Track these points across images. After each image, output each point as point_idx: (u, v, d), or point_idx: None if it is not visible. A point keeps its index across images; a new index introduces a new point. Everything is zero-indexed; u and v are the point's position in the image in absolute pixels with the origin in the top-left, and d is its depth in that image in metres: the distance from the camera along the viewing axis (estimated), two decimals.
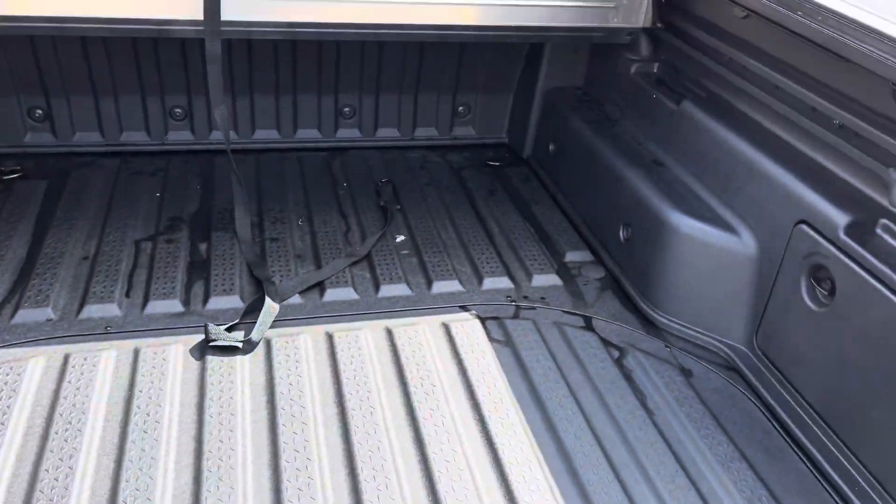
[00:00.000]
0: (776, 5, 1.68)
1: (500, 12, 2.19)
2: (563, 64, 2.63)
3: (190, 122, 2.60)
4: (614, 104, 2.45)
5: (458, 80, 2.76)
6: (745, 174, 1.84)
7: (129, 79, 2.45)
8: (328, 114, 2.71)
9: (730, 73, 2.02)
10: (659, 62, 2.34)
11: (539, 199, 2.54)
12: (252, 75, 2.54)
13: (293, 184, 2.50)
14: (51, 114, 2.46)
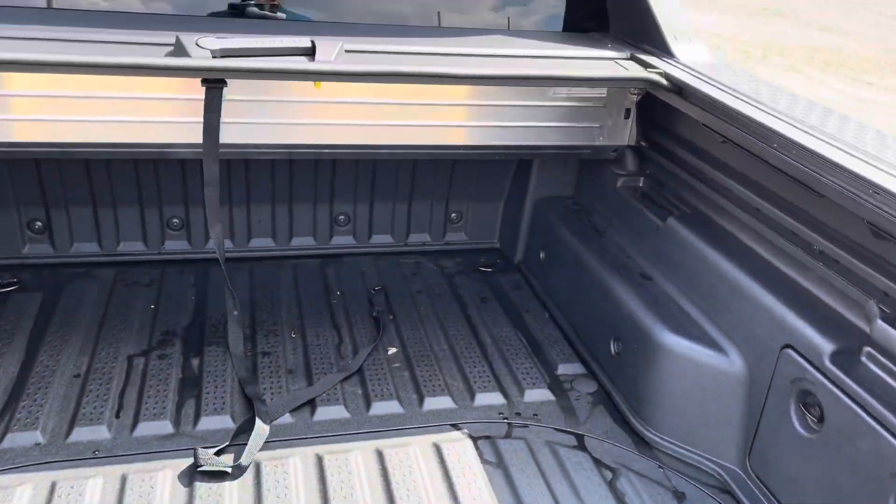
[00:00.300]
0: (751, 136, 1.74)
1: (489, 133, 2.27)
2: (552, 175, 2.70)
3: (187, 231, 2.64)
4: (602, 216, 2.51)
5: (451, 188, 2.82)
6: (729, 293, 1.87)
7: (128, 192, 2.51)
8: (323, 222, 2.77)
9: (712, 191, 2.08)
10: (644, 176, 2.40)
11: (530, 306, 2.57)
12: (249, 187, 2.61)
13: (287, 293, 2.53)
14: (50, 226, 2.51)
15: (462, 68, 1.94)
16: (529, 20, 2.57)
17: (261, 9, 2.24)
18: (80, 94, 1.95)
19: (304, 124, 2.12)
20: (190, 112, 1.97)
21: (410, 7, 2.45)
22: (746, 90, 1.91)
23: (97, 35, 1.85)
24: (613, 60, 2.20)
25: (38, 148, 2.01)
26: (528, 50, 2.23)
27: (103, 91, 1.95)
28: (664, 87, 2.04)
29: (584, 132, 2.34)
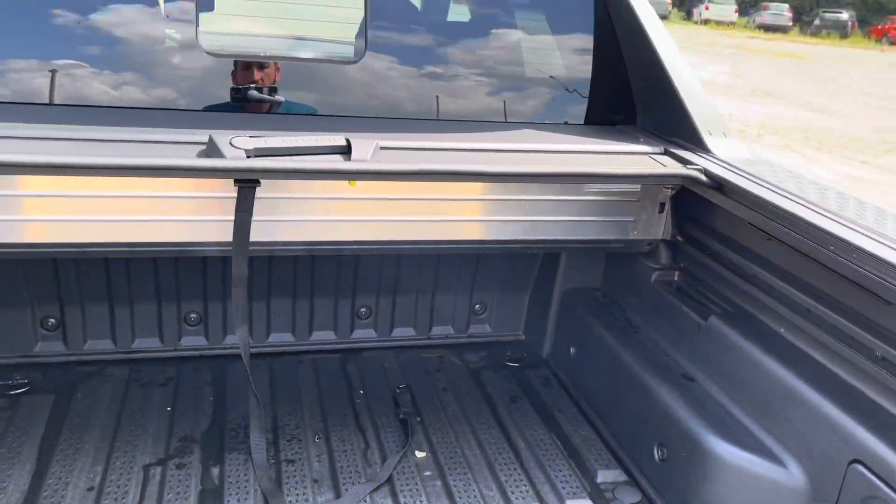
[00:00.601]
0: (802, 237, 1.69)
1: (519, 227, 2.21)
2: (580, 266, 2.64)
3: (204, 327, 2.56)
4: (636, 310, 2.44)
5: (475, 280, 2.76)
6: (785, 400, 1.78)
7: (146, 288, 2.43)
8: (345, 315, 2.68)
9: (755, 289, 2.01)
10: (679, 270, 2.34)
11: (563, 406, 2.47)
12: (271, 281, 2.54)
13: (308, 392, 2.43)
14: (64, 323, 2.42)
15: (501, 166, 1.91)
16: (551, 112, 2.56)
17: (260, 91, 2.21)
18: (101, 194, 1.86)
19: (334, 221, 2.06)
20: (219, 211, 1.91)
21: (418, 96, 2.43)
22: (791, 187, 1.87)
23: (114, 133, 1.81)
24: (648, 155, 2.17)
25: (58, 249, 1.94)
26: (558, 144, 2.21)
27: (126, 190, 1.87)
28: (704, 183, 2.00)
29: (616, 226, 2.29)
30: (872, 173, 10.36)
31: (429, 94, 2.42)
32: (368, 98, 2.36)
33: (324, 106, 2.32)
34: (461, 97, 2.45)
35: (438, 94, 2.43)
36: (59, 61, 2.06)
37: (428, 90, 2.42)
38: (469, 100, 2.45)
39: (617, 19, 2.41)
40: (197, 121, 2.07)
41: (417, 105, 2.40)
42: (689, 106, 2.23)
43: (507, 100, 2.51)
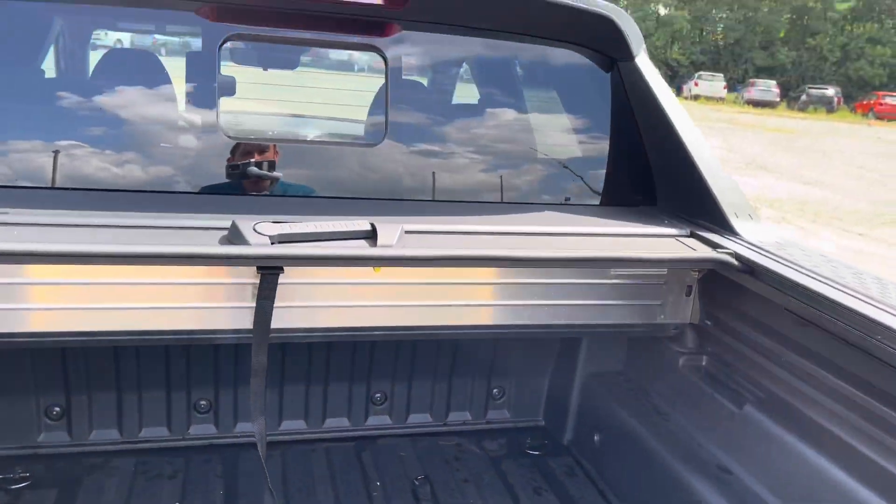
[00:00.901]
0: (847, 325, 1.63)
1: (540, 312, 2.14)
2: (602, 349, 2.58)
3: (214, 415, 2.46)
4: (663, 396, 2.36)
5: (493, 364, 2.68)
6: (830, 496, 1.69)
7: (156, 375, 2.35)
8: (359, 401, 2.59)
9: (792, 376, 1.95)
10: (707, 355, 2.28)
11: (590, 498, 2.36)
12: (284, 368, 2.46)
13: (323, 484, 2.32)
14: (69, 412, 2.32)
15: (529, 251, 1.87)
16: (569, 192, 2.54)
17: (259, 167, 2.17)
18: (113, 281, 1.78)
19: (356, 307, 2.00)
20: (238, 297, 1.85)
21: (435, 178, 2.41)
22: (827, 272, 1.83)
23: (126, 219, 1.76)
24: (675, 238, 2.14)
25: (66, 338, 1.86)
26: (581, 226, 2.18)
27: (138, 277, 1.80)
28: (735, 267, 1.96)
29: (642, 310, 2.23)
30: (871, 246, 10.40)
31: (446, 176, 2.40)
32: (385, 180, 2.34)
33: (338, 188, 2.29)
34: (477, 178, 2.43)
35: (456, 176, 2.41)
36: (64, 142, 2.04)
37: (445, 172, 2.40)
38: (486, 181, 2.43)
39: (634, 98, 2.42)
40: (209, 204, 2.03)
41: (435, 187, 2.38)
42: (714, 187, 2.21)
43: (524, 181, 2.49)
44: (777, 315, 1.96)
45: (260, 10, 2.12)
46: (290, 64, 2.67)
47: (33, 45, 2.27)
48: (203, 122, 2.15)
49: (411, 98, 2.46)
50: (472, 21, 2.32)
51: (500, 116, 2.54)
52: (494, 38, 2.40)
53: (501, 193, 2.41)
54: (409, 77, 2.49)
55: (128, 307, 1.82)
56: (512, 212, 2.29)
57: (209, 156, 2.15)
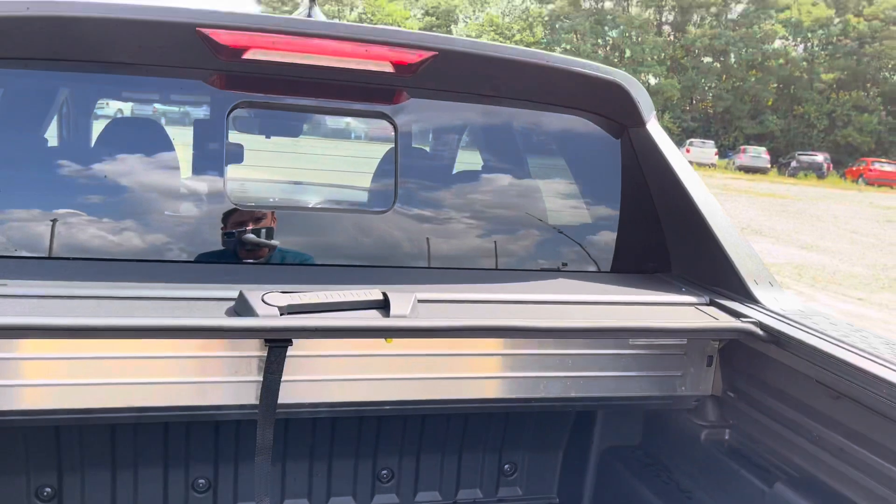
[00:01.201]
0: (885, 398, 1.56)
1: (556, 384, 2.06)
2: (618, 422, 2.48)
3: (213, 494, 2.34)
4: (685, 472, 2.25)
5: (504, 438, 2.57)
6: None
7: (154, 453, 2.24)
8: (365, 479, 2.47)
9: (823, 451, 1.85)
10: (730, 428, 2.18)
11: None
12: (287, 444, 2.35)
13: None
14: (61, 493, 2.20)
15: (547, 321, 1.80)
16: (582, 260, 2.48)
17: (258, 235, 2.12)
18: (111, 356, 1.70)
19: (367, 380, 1.91)
20: (243, 371, 1.77)
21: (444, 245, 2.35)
22: (857, 342, 1.76)
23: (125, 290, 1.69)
24: (694, 306, 2.08)
25: (61, 416, 1.76)
26: (597, 294, 2.11)
27: (140, 351, 1.72)
28: (759, 336, 1.89)
29: (661, 381, 2.15)
30: (872, 310, 10.35)
31: (456, 243, 2.35)
32: (395, 247, 2.28)
33: (346, 255, 2.23)
34: (488, 245, 2.38)
35: (466, 242, 2.36)
36: (67, 211, 1.99)
37: (455, 238, 2.35)
38: (498, 247, 2.38)
39: (645, 164, 2.39)
40: (214, 273, 1.97)
41: (446, 254, 2.32)
42: (731, 253, 2.16)
43: (537, 247, 2.44)
44: (806, 386, 1.88)
45: (270, 79, 2.10)
46: (295, 131, 2.65)
47: (38, 114, 2.25)
48: (210, 190, 2.11)
49: (420, 164, 2.43)
50: (482, 88, 2.31)
51: (511, 182, 2.51)
52: (504, 105, 2.39)
53: (514, 260, 2.36)
54: (418, 143, 2.47)
55: (128, 382, 1.73)
56: (525, 279, 2.23)
57: (216, 224, 2.09)
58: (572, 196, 2.57)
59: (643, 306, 2.06)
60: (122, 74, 2.12)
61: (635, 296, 2.11)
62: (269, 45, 1.94)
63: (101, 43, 1.96)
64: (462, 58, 2.15)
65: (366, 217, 2.30)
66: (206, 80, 2.11)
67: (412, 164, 2.33)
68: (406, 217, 2.25)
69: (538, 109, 2.42)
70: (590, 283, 2.25)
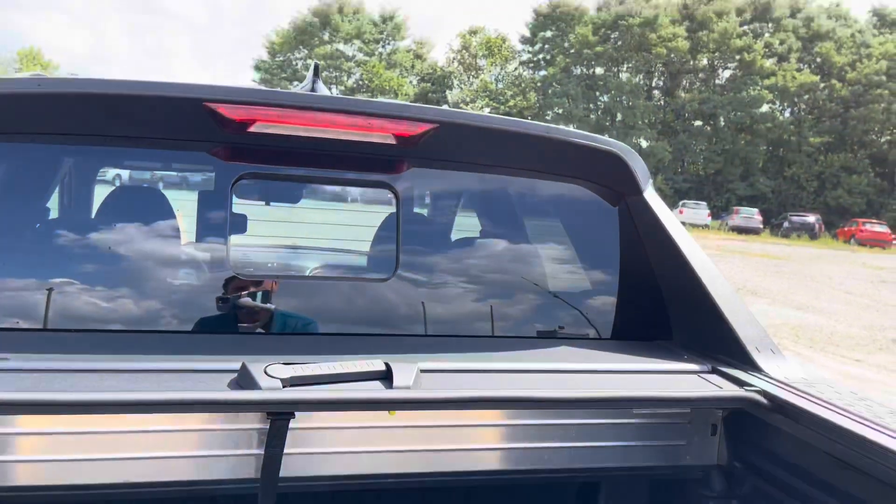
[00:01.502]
0: (890, 469, 1.54)
1: (555, 455, 2.02)
2: (622, 493, 2.43)
3: None
4: None
5: None
6: None
7: None
8: None
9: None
10: (737, 499, 2.15)
11: None
12: None
13: None
14: None
15: (552, 391, 1.79)
16: (583, 327, 2.48)
17: (260, 304, 2.11)
18: (109, 430, 1.66)
19: (366, 452, 1.89)
20: (244, 445, 1.74)
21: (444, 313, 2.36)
22: (863, 411, 1.75)
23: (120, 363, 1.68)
24: (696, 374, 2.07)
25: (55, 492, 1.71)
26: (600, 363, 2.11)
27: (138, 425, 1.68)
28: (764, 406, 1.88)
29: (666, 451, 2.12)
30: (871, 372, 10.29)
31: (457, 311, 2.35)
32: (396, 316, 2.28)
33: (347, 324, 2.23)
34: (490, 313, 2.38)
35: (468, 311, 2.36)
36: (68, 282, 1.99)
37: (456, 306, 2.35)
38: (499, 315, 2.38)
39: (643, 231, 2.41)
40: (215, 344, 1.96)
41: (448, 322, 2.32)
42: (732, 320, 2.16)
43: (538, 316, 2.44)
44: (813, 457, 1.86)
45: (274, 150, 2.14)
46: (297, 199, 2.68)
47: (42, 186, 2.27)
48: (213, 261, 2.12)
49: (421, 232, 2.45)
50: (481, 158, 2.35)
51: (511, 251, 2.53)
52: (504, 174, 2.42)
53: (515, 327, 2.36)
54: (419, 211, 2.50)
55: (127, 458, 1.70)
56: (527, 346, 2.23)
57: (219, 294, 2.09)
58: (572, 263, 2.59)
59: (646, 374, 2.05)
60: (128, 147, 2.16)
61: (637, 364, 2.11)
62: (276, 119, 1.98)
63: (110, 117, 2.00)
64: (462, 129, 2.19)
65: (368, 285, 2.31)
66: (211, 153, 2.14)
67: (414, 232, 2.35)
68: (408, 284, 2.26)
69: (538, 178, 2.45)
70: (591, 351, 2.25)
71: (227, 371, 1.69)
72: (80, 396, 1.49)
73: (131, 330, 1.96)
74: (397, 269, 2.23)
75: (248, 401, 1.57)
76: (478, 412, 1.93)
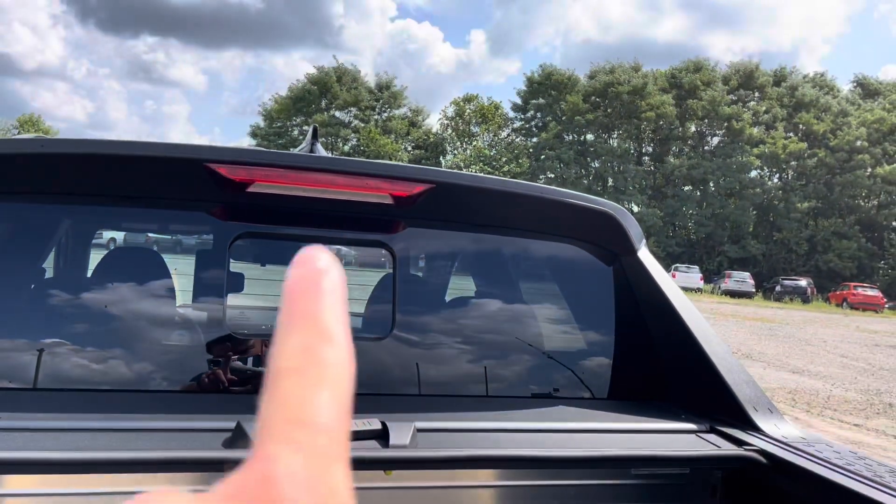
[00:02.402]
0: None
1: None
2: None
3: None
4: None
5: None
6: None
7: None
8: None
9: None
10: None
11: None
12: None
13: None
14: None
15: (549, 450, 1.78)
16: (578, 387, 2.47)
17: (256, 364, 2.10)
18: (101, 491, 1.59)
19: None
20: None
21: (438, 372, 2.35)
22: (863, 470, 1.74)
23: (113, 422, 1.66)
24: (695, 434, 2.05)
25: None
26: (596, 423, 2.09)
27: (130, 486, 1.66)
28: (763, 465, 1.86)
29: None
30: (869, 437, 10.18)
31: (453, 371, 2.35)
32: (391, 375, 2.27)
33: None
34: (484, 372, 2.37)
35: (463, 371, 2.36)
36: (50, 340, 1.98)
37: (451, 366, 2.35)
38: (494, 375, 2.37)
39: (638, 291, 2.43)
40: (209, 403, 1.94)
41: (443, 382, 2.31)
42: (729, 380, 2.16)
43: (533, 375, 2.44)
44: None
45: (272, 210, 2.17)
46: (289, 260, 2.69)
47: (38, 246, 2.29)
48: (210, 319, 2.12)
49: (417, 291, 2.47)
50: (477, 218, 2.38)
51: (506, 310, 2.54)
52: (499, 234, 2.45)
53: (511, 387, 2.35)
54: (415, 271, 2.52)
55: None
56: (524, 406, 2.21)
57: (215, 353, 2.09)
58: (567, 323, 2.59)
59: (643, 434, 2.04)
60: (127, 207, 2.18)
61: (634, 423, 2.09)
62: (275, 180, 2.02)
63: (111, 177, 2.03)
64: (457, 190, 2.23)
65: (364, 344, 2.31)
66: (210, 212, 2.17)
67: (410, 291, 2.36)
68: (404, 344, 2.26)
69: (532, 238, 2.48)
70: (587, 411, 2.24)
71: (223, 430, 1.68)
72: (73, 455, 1.47)
73: (125, 389, 1.95)
74: (393, 329, 2.23)
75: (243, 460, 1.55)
76: (474, 473, 1.91)
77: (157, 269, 2.26)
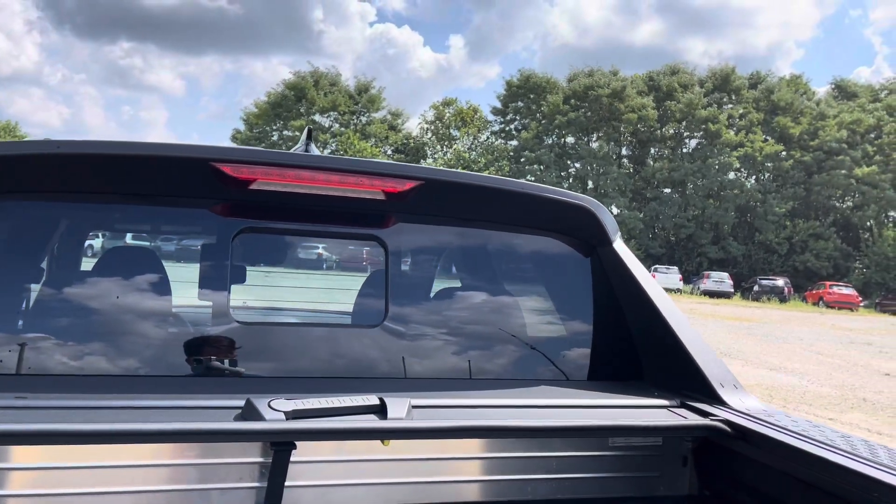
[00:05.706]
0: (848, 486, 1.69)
1: (538, 486, 2.14)
2: None
3: None
4: None
5: None
6: None
7: None
8: None
9: None
10: None
11: None
12: None
13: None
14: None
15: (538, 421, 1.94)
16: (559, 369, 2.64)
17: (254, 344, 2.24)
18: (115, 464, 1.77)
19: (362, 484, 2.01)
20: (247, 478, 1.86)
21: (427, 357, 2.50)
22: (817, 436, 1.92)
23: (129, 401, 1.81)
24: (666, 408, 2.23)
25: None
26: (579, 399, 2.25)
27: (142, 459, 1.79)
28: (728, 434, 2.04)
29: (640, 482, 2.26)
30: (843, 430, 10.45)
31: (443, 356, 2.50)
32: (385, 360, 2.42)
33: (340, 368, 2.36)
34: (473, 357, 2.53)
35: (452, 356, 2.51)
36: (72, 330, 2.12)
37: (442, 351, 2.50)
38: (482, 359, 2.53)
39: (614, 279, 2.60)
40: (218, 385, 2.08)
41: (434, 366, 2.47)
42: (699, 360, 2.34)
43: (518, 359, 2.59)
44: (775, 480, 2.01)
45: (272, 206, 2.31)
46: (292, 252, 2.85)
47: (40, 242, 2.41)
48: (214, 309, 2.26)
49: (408, 282, 2.62)
50: (463, 213, 2.54)
51: (491, 300, 2.70)
52: (484, 228, 2.62)
53: (497, 371, 2.51)
54: (406, 263, 2.67)
55: (131, 491, 1.81)
56: (508, 387, 2.37)
57: (222, 340, 2.23)
58: (548, 311, 2.76)
59: (619, 409, 2.20)
60: (136, 204, 2.32)
61: (611, 399, 2.26)
62: (276, 178, 2.17)
63: (121, 176, 2.17)
64: (445, 186, 2.39)
65: (358, 331, 2.46)
66: (212, 209, 2.31)
67: (401, 283, 2.51)
68: (396, 331, 2.41)
69: (514, 231, 2.65)
70: (568, 389, 2.40)
71: (233, 407, 1.82)
72: (99, 427, 1.61)
73: (142, 374, 2.09)
74: (385, 318, 2.38)
75: (255, 430, 1.69)
76: (466, 445, 2.07)
77: (157, 267, 2.40)
